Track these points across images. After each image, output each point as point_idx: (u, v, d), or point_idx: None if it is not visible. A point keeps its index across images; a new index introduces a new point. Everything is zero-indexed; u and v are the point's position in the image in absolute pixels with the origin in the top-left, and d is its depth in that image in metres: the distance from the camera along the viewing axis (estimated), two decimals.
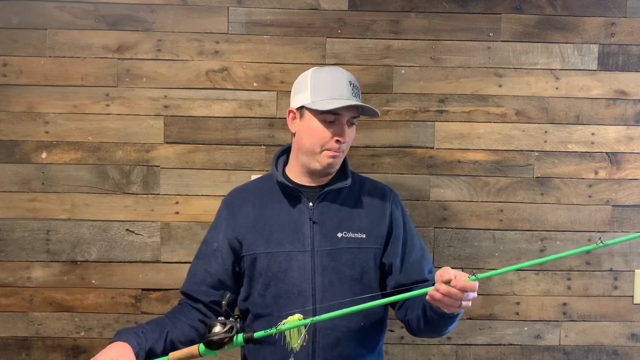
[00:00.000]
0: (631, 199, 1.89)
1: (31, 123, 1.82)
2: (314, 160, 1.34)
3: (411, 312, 1.33)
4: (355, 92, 1.35)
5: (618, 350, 1.92)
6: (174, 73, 1.83)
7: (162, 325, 1.30)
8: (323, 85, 1.32)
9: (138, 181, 1.84)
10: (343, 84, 1.32)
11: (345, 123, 1.32)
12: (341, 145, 1.33)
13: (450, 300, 1.11)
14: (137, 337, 1.22)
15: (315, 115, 1.31)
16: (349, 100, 1.31)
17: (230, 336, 1.15)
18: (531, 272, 1.89)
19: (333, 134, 1.32)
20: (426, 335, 1.37)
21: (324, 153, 1.33)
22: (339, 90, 1.31)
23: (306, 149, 1.35)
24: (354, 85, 1.35)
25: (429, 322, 1.25)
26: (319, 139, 1.32)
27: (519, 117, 1.87)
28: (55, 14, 1.80)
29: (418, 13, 1.84)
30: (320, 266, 1.33)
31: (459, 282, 1.09)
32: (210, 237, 1.42)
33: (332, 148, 1.32)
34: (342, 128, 1.32)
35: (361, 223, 1.37)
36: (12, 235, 1.83)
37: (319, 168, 1.35)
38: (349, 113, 1.32)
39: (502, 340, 1.90)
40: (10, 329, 1.85)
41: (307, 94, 1.33)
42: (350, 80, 1.35)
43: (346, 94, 1.31)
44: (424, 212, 1.87)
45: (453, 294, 1.09)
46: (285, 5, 1.83)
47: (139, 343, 1.21)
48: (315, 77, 1.34)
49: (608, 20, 1.86)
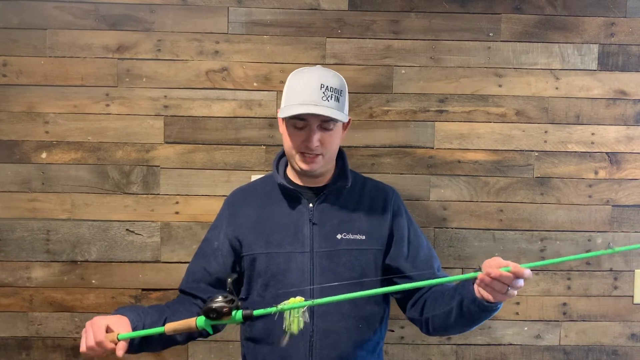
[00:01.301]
0: (631, 199, 1.89)
1: (31, 123, 1.82)
2: (294, 163, 1.36)
3: (433, 308, 1.29)
4: (330, 94, 1.29)
5: (618, 350, 1.92)
6: (174, 73, 1.83)
7: (161, 311, 1.29)
8: (293, 90, 1.32)
9: (138, 181, 1.84)
10: (312, 89, 1.28)
11: (314, 129, 1.30)
12: (314, 149, 1.31)
13: (500, 286, 1.09)
14: (136, 314, 1.22)
15: (286, 121, 1.33)
16: (316, 106, 1.27)
17: (230, 307, 1.09)
18: (531, 272, 1.89)
19: (301, 139, 1.31)
20: (448, 332, 1.32)
21: (297, 157, 1.33)
22: (307, 95, 1.28)
23: (286, 153, 1.37)
24: (329, 88, 1.29)
25: (464, 315, 1.21)
26: (290, 143, 1.34)
27: (519, 117, 1.87)
28: (55, 14, 1.80)
29: (418, 13, 1.84)
30: (319, 267, 1.33)
31: (515, 267, 1.08)
32: (211, 236, 1.42)
33: (304, 152, 1.32)
34: (310, 134, 1.30)
35: (361, 224, 1.37)
36: (12, 235, 1.83)
37: (299, 170, 1.36)
38: (317, 118, 1.29)
39: (502, 340, 1.90)
40: (10, 329, 1.85)
41: (283, 98, 1.35)
42: (324, 83, 1.29)
43: (315, 98, 1.28)
44: (424, 212, 1.87)
45: (505, 277, 1.07)
46: (285, 5, 1.83)
47: (137, 319, 1.20)
48: (290, 81, 1.35)
49: (608, 20, 1.86)
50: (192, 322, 1.13)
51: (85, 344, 1.14)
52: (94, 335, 1.13)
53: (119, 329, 1.15)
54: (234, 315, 1.10)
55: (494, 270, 1.08)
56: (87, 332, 1.14)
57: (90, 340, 1.13)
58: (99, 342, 1.13)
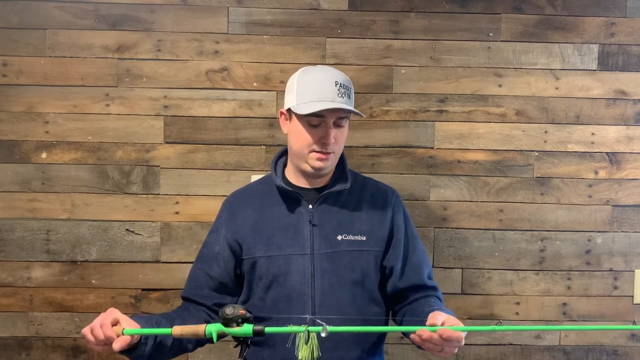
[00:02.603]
0: (631, 199, 1.89)
1: (31, 123, 1.82)
2: (303, 162, 1.34)
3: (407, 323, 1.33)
4: (343, 92, 1.31)
5: (618, 350, 1.91)
6: (174, 73, 1.83)
7: (171, 318, 1.29)
8: (307, 86, 1.30)
9: (138, 181, 1.84)
10: (328, 85, 1.29)
11: (330, 125, 1.30)
12: (328, 147, 1.31)
13: (432, 346, 1.11)
14: (149, 323, 1.22)
15: (300, 118, 1.31)
16: (333, 102, 1.28)
17: (242, 317, 1.11)
18: (531, 272, 1.89)
19: (318, 137, 1.30)
20: None
21: (311, 155, 1.32)
22: (323, 92, 1.29)
23: (295, 152, 1.35)
24: (342, 85, 1.31)
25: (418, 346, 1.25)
26: (304, 141, 1.31)
27: (519, 117, 1.87)
28: (55, 14, 1.80)
29: (418, 13, 1.84)
30: (320, 269, 1.32)
31: (445, 332, 1.07)
32: (211, 240, 1.41)
33: (319, 150, 1.31)
34: (327, 130, 1.30)
35: (362, 225, 1.37)
36: (12, 235, 1.83)
37: (309, 170, 1.34)
38: (334, 115, 1.30)
39: (502, 340, 1.90)
40: (10, 329, 1.85)
41: (293, 95, 1.32)
42: (337, 80, 1.31)
43: (331, 95, 1.29)
44: (424, 212, 1.87)
45: (435, 340, 1.09)
46: (285, 5, 1.82)
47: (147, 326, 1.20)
48: (301, 78, 1.33)
49: (608, 20, 1.86)
50: (201, 329, 1.14)
51: (90, 326, 1.13)
52: (102, 319, 1.13)
53: (126, 326, 1.15)
54: (245, 328, 1.12)
55: (425, 332, 1.09)
56: (96, 319, 1.14)
57: (95, 323, 1.13)
58: (102, 325, 1.12)
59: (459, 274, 1.88)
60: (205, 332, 1.13)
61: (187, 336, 1.16)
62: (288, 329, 1.10)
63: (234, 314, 1.11)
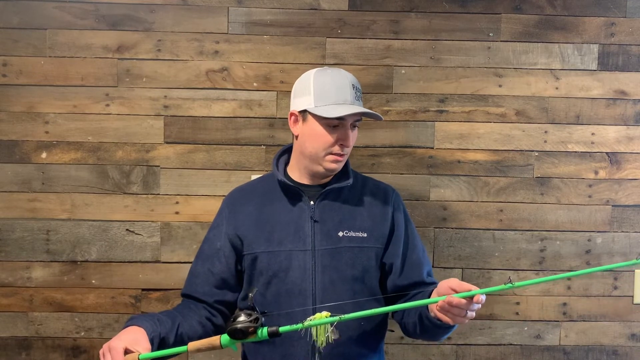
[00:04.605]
0: (631, 199, 1.89)
1: (31, 123, 1.82)
2: (317, 164, 1.34)
3: (407, 316, 1.34)
4: (358, 95, 1.35)
5: (618, 350, 1.91)
6: (174, 73, 1.83)
7: (173, 316, 1.29)
8: (326, 89, 1.31)
9: (138, 181, 1.84)
10: (346, 89, 1.32)
11: (349, 127, 1.32)
12: (345, 148, 1.34)
13: (458, 311, 1.11)
14: (152, 323, 1.21)
15: (319, 120, 1.31)
16: (353, 105, 1.31)
17: (255, 326, 1.10)
18: (531, 272, 1.89)
19: (337, 139, 1.32)
20: (421, 339, 1.38)
21: (328, 157, 1.33)
22: (342, 95, 1.31)
23: (309, 153, 1.34)
24: (357, 88, 1.35)
25: (425, 329, 1.27)
26: (323, 143, 1.32)
27: (519, 117, 1.87)
28: (55, 14, 1.80)
29: (418, 13, 1.84)
30: (321, 265, 1.33)
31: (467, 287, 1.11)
32: (212, 236, 1.41)
33: (336, 152, 1.33)
34: (346, 132, 1.32)
35: (362, 222, 1.37)
36: (12, 235, 1.83)
37: (322, 171, 1.35)
38: (352, 117, 1.32)
39: (502, 340, 1.90)
40: (10, 329, 1.85)
41: (309, 98, 1.32)
42: (353, 83, 1.34)
43: (350, 98, 1.31)
44: (424, 212, 1.87)
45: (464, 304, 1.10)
46: (285, 5, 1.83)
47: (153, 329, 1.19)
48: (318, 80, 1.33)
49: (608, 20, 1.86)
50: (216, 341, 1.13)
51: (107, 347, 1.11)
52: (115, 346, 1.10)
53: (137, 347, 1.13)
54: (260, 333, 1.11)
55: (455, 298, 1.10)
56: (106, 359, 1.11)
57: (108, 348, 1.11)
58: (111, 348, 1.10)
59: (459, 274, 1.88)
60: (222, 344, 1.12)
61: (204, 350, 1.15)
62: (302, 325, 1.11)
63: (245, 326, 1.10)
